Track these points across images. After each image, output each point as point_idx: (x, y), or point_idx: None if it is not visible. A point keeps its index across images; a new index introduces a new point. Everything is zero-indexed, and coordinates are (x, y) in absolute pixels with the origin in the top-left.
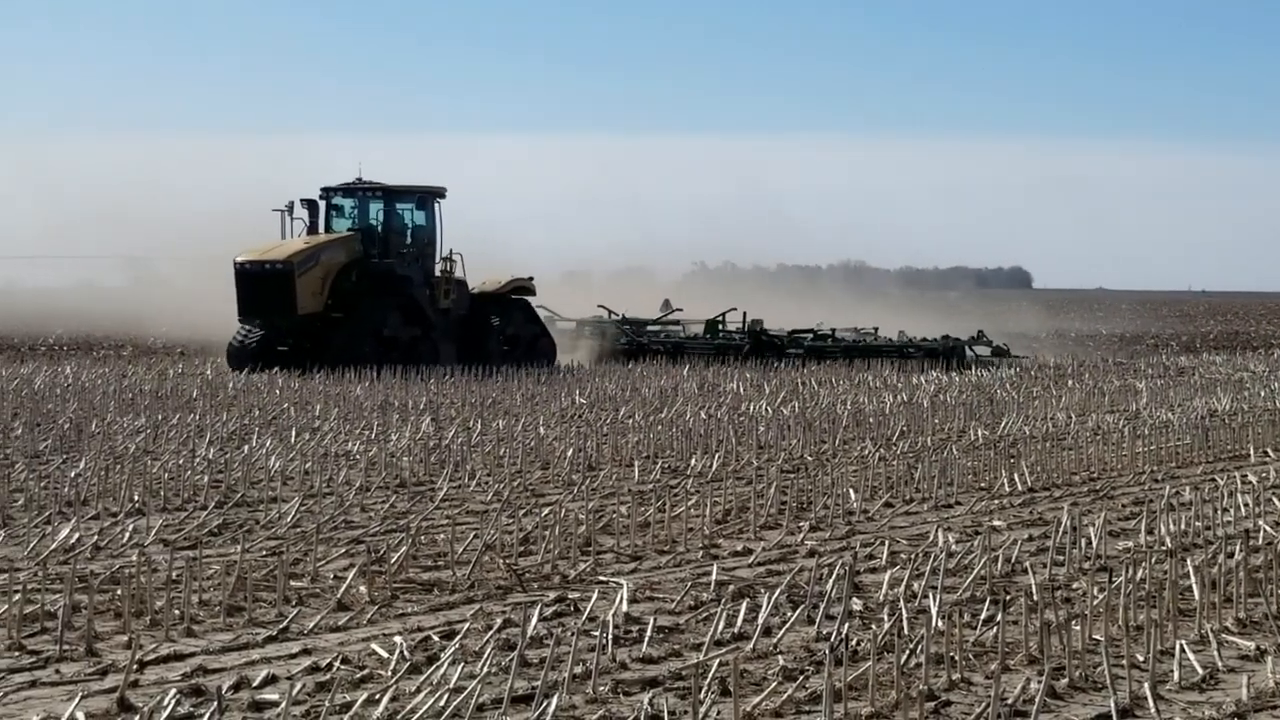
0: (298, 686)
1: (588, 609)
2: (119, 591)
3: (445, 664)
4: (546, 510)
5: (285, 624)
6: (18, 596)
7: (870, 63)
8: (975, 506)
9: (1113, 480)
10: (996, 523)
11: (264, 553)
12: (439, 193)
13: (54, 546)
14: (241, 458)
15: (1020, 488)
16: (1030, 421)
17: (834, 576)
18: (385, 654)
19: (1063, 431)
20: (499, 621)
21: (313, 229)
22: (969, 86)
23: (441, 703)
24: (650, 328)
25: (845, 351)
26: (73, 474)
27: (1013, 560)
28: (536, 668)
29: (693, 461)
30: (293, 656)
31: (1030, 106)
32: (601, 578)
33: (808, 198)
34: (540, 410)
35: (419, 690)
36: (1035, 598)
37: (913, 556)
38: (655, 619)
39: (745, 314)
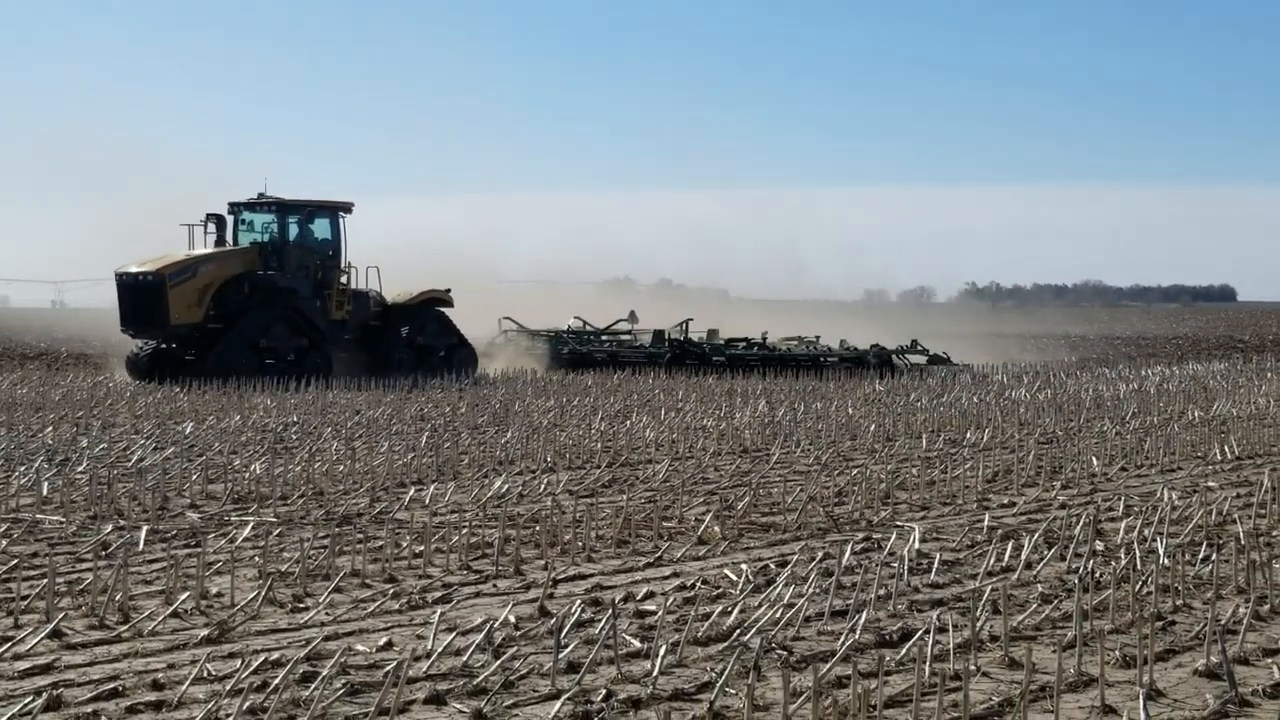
0: (670, 600)
1: (888, 546)
2: (538, 528)
3: (780, 585)
4: (855, 470)
5: (659, 554)
6: (465, 530)
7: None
8: (1193, 471)
9: None
10: (1210, 484)
11: (642, 500)
12: (343, 208)
13: (490, 494)
14: (625, 430)
15: (1230, 456)
16: (1238, 405)
17: (1080, 524)
18: (734, 577)
19: (1264, 413)
20: (820, 555)
21: (220, 241)
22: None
23: (777, 614)
24: (602, 338)
25: (764, 361)
26: (503, 440)
27: (1224, 513)
28: (849, 590)
29: (968, 435)
30: (665, 578)
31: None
32: (898, 523)
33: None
34: (849, 396)
35: (760, 605)
36: (1243, 542)
37: (1143, 509)
38: (940, 555)
39: (687, 323)
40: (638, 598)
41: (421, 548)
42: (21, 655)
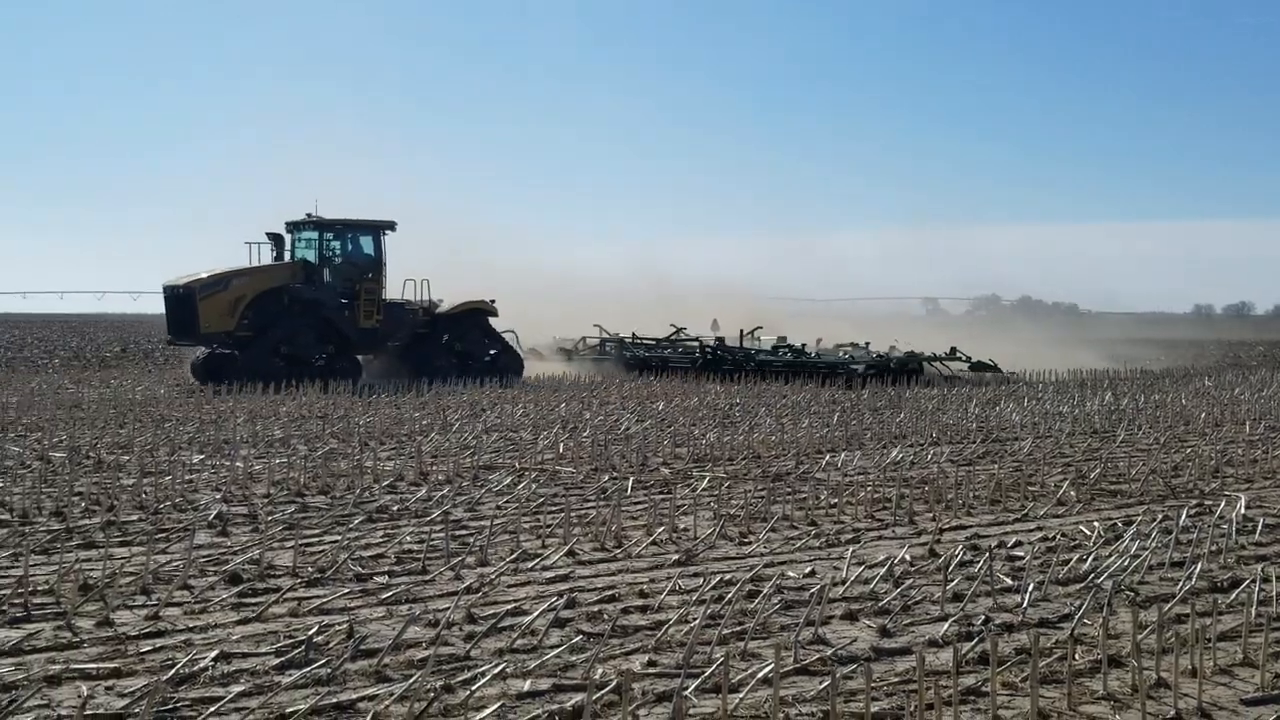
0: (1035, 547)
1: (1218, 511)
2: (926, 488)
3: (1126, 539)
4: (1188, 449)
5: (1025, 512)
6: (869, 488)
7: None
8: None
9: None
10: None
11: (1010, 469)
12: (386, 226)
13: (888, 460)
14: (995, 413)
15: None
16: None
17: None
18: (1088, 532)
19: None
20: (1160, 516)
21: (278, 258)
22: None
23: (1125, 562)
24: (659, 345)
25: (788, 366)
26: (897, 420)
27: None
28: (1185, 545)
29: None
30: (1030, 530)
31: None
32: (1226, 492)
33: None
34: (1181, 389)
35: (1110, 554)
36: None
37: None
38: (1262, 519)
39: (742, 332)
40: (1009, 545)
41: (835, 500)
42: (548, 567)
